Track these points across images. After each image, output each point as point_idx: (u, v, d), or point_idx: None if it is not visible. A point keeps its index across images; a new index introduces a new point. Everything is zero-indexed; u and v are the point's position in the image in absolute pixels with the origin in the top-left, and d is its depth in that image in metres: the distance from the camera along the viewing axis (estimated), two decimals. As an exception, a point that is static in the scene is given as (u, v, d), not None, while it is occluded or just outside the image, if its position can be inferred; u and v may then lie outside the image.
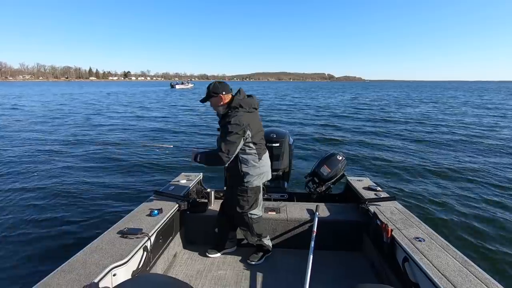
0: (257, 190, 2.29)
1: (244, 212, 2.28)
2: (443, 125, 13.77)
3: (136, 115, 17.54)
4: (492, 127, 13.41)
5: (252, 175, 2.21)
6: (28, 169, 6.49)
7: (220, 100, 2.16)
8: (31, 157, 7.57)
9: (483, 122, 14.88)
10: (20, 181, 5.72)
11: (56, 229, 3.91)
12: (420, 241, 1.90)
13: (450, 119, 16.18)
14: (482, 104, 26.33)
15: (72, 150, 8.45)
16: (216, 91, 2.15)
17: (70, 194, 5.07)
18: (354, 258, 2.49)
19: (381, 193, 2.80)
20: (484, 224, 4.23)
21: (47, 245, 3.54)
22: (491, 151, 8.80)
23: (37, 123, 13.90)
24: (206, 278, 2.22)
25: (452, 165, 7.22)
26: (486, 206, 4.85)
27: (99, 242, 1.83)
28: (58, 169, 6.48)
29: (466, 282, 1.48)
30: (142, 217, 2.22)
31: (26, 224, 4.04)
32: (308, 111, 20.33)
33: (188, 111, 20.02)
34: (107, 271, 1.56)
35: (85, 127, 12.64)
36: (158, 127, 13.28)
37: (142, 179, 5.88)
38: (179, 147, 3.86)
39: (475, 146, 9.46)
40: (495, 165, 7.25)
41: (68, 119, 15.36)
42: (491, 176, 6.33)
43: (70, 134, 11.04)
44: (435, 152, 8.66)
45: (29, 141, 9.69)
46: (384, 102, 29.57)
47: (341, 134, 11.64)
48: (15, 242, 3.61)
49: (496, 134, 11.64)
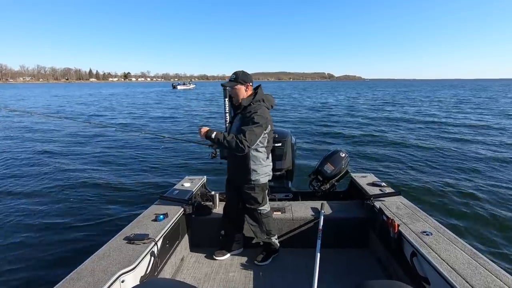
0: (264, 187, 2.31)
1: (253, 208, 2.30)
2: (446, 120, 13.69)
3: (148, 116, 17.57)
4: (497, 122, 13.32)
5: (259, 173, 2.23)
6: (32, 175, 6.51)
7: (246, 89, 2.18)
8: (33, 162, 7.59)
9: (486, 118, 14.77)
10: (23, 187, 5.73)
11: (62, 236, 3.92)
12: (428, 235, 1.89)
13: (452, 115, 16.10)
14: (483, 102, 26.17)
15: (74, 156, 8.48)
16: (245, 79, 2.16)
17: (74, 201, 5.08)
18: (361, 255, 2.48)
19: (386, 188, 2.79)
20: (492, 216, 4.19)
21: (54, 253, 3.55)
22: (496, 144, 8.74)
23: (33, 130, 13.98)
24: (215, 281, 2.21)
25: (457, 157, 7.18)
26: (492, 197, 4.81)
27: (106, 249, 1.84)
28: (61, 176, 6.50)
29: (476, 274, 1.47)
30: (148, 223, 2.23)
31: (31, 233, 4.05)
32: (309, 110, 20.32)
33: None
34: (115, 277, 1.56)
35: (88, 132, 12.70)
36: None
37: (146, 183, 5.89)
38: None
39: (479, 139, 9.40)
40: (501, 157, 7.19)
41: (70, 122, 15.44)
42: (497, 168, 6.29)
43: (72, 139, 11.09)
44: (438, 146, 8.62)
45: (30, 146, 9.75)
46: (384, 100, 29.50)
47: (343, 132, 11.62)
48: (21, 252, 3.61)
49: (502, 127, 11.56)
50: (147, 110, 21.67)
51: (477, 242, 3.53)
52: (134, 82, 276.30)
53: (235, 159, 2.21)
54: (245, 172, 2.21)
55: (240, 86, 2.16)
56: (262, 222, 2.34)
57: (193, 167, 6.95)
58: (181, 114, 19.23)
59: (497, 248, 3.48)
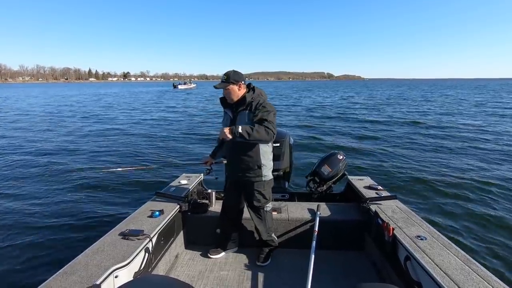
0: (271, 183, 2.34)
1: (260, 206, 2.31)
2: (443, 124, 13.76)
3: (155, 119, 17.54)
4: (493, 124, 13.41)
5: (268, 168, 2.27)
6: (27, 171, 6.49)
7: (239, 88, 2.18)
8: (29, 159, 7.57)
9: (483, 120, 14.87)
10: (18, 185, 5.71)
11: (57, 231, 3.91)
12: (422, 240, 1.90)
13: (448, 118, 16.17)
14: (483, 102, 26.32)
15: (70, 151, 8.45)
16: (237, 78, 2.16)
17: (69, 196, 5.06)
18: (355, 258, 2.49)
19: (382, 192, 2.80)
20: (486, 222, 4.22)
21: (48, 248, 3.53)
22: (493, 149, 8.79)
23: (25, 128, 13.91)
24: (208, 279, 2.21)
25: (452, 163, 7.22)
26: (487, 203, 4.84)
27: (101, 244, 1.83)
28: (56, 171, 6.48)
29: (468, 280, 1.48)
30: (143, 219, 2.22)
31: (26, 227, 4.03)
32: (308, 111, 20.32)
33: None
34: (109, 272, 1.56)
35: (83, 130, 12.65)
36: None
37: (142, 180, 5.88)
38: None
39: (475, 144, 9.44)
40: (496, 163, 7.24)
41: (68, 119, 15.38)
42: (492, 174, 6.33)
43: (68, 136, 11.04)
44: (435, 150, 8.65)
45: (24, 144, 9.69)
46: (382, 101, 29.57)
47: (341, 134, 11.64)
48: (15, 245, 3.60)
49: (498, 131, 11.63)
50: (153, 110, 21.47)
51: (471, 248, 3.55)
52: (134, 82, 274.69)
53: (243, 156, 2.18)
54: (256, 168, 2.20)
55: (232, 86, 2.16)
56: (266, 220, 2.36)
57: (190, 165, 6.94)
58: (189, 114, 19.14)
59: (491, 254, 3.50)
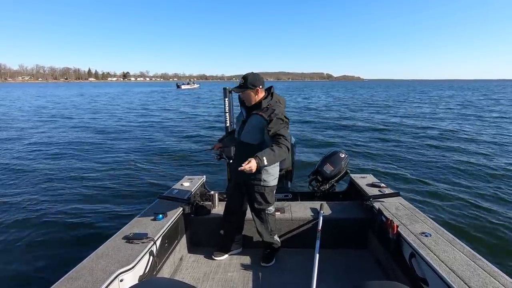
0: (273, 188, 2.33)
1: (262, 209, 2.31)
2: (444, 121, 13.71)
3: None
4: (495, 122, 13.34)
5: (273, 175, 2.25)
6: (30, 174, 6.51)
7: (257, 93, 2.12)
8: (32, 160, 7.59)
9: (485, 118, 14.79)
10: (22, 187, 5.73)
11: (61, 236, 3.91)
12: (427, 236, 1.89)
13: (450, 115, 16.10)
14: (485, 103, 26.17)
15: (74, 154, 8.47)
16: (254, 83, 2.07)
17: (72, 201, 5.07)
18: (360, 256, 2.48)
19: (385, 189, 2.79)
20: (491, 217, 4.19)
21: (52, 252, 3.54)
22: (496, 144, 8.75)
23: (28, 127, 13.96)
24: (213, 281, 2.21)
25: (456, 158, 7.19)
26: (492, 199, 4.82)
27: (105, 248, 1.83)
28: (59, 174, 6.49)
29: (475, 276, 1.47)
30: (147, 222, 2.23)
31: (30, 232, 4.04)
32: (308, 111, 20.31)
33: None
34: (114, 277, 1.56)
35: (90, 131, 12.69)
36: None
37: (145, 183, 5.89)
38: None
39: (479, 139, 9.40)
40: (500, 158, 7.20)
41: (74, 120, 15.42)
42: (496, 169, 6.29)
43: (75, 137, 11.08)
44: (437, 146, 8.63)
45: (30, 145, 9.73)
46: (383, 100, 29.50)
47: (342, 132, 11.63)
48: (20, 250, 3.61)
49: (501, 126, 11.57)
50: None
51: (476, 244, 3.53)
52: (133, 82, 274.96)
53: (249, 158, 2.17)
54: (259, 173, 2.19)
55: (249, 91, 2.10)
56: (268, 222, 2.36)
57: (192, 167, 6.96)
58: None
59: (496, 249, 3.48)
